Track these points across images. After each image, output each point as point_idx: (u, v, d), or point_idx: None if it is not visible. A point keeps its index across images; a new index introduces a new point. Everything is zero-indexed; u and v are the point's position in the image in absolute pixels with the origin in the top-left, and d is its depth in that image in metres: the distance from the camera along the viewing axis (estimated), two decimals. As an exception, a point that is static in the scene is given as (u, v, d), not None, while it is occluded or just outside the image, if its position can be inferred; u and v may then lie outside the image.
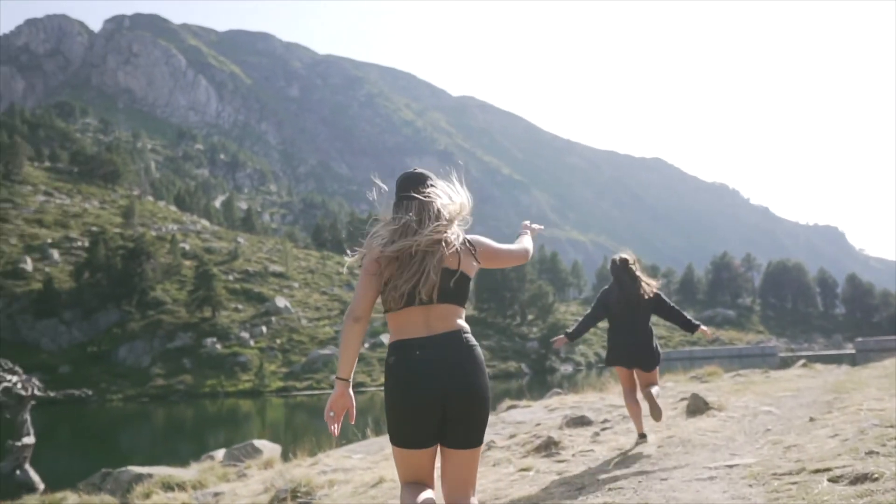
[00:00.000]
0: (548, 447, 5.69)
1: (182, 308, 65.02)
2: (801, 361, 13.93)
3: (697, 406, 6.55)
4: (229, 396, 53.66)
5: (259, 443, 11.53)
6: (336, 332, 62.40)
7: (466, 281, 2.65)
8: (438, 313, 2.57)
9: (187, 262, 73.96)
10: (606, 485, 4.07)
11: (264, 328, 64.13)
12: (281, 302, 68.87)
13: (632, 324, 5.57)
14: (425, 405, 2.46)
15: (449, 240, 2.59)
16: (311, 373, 56.58)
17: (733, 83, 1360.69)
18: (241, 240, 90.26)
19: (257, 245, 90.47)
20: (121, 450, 31.70)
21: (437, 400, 2.46)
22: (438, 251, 2.56)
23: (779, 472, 3.71)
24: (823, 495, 3.12)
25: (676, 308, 5.64)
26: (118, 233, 75.34)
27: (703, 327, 5.52)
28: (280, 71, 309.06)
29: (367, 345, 52.01)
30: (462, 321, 2.64)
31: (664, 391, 9.83)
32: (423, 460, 2.54)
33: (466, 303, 2.72)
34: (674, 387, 10.47)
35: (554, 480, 4.47)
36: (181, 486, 6.96)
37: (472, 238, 2.74)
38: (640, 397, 5.55)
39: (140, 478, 7.86)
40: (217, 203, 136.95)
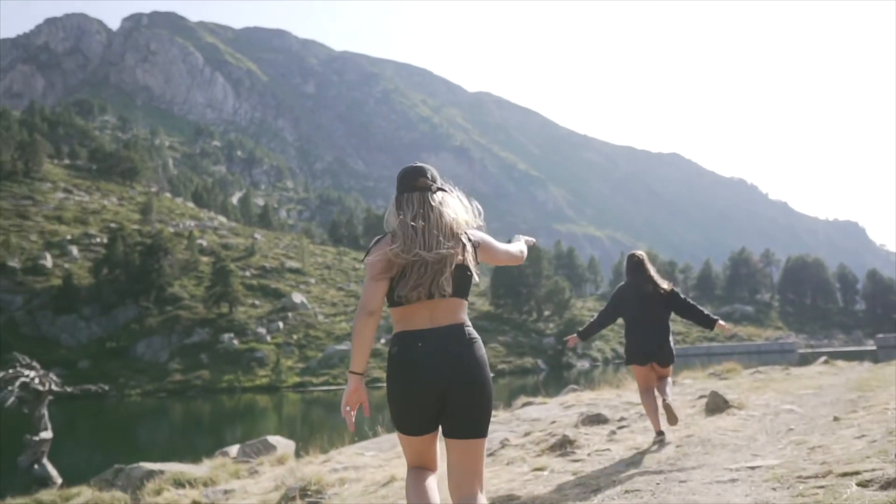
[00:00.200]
0: (563, 446, 5.56)
1: (199, 304, 65.41)
2: (823, 358, 13.68)
3: (717, 404, 6.38)
4: (246, 392, 53.90)
5: (273, 439, 11.47)
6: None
7: (470, 276, 2.71)
8: (442, 307, 2.61)
9: (205, 259, 74.39)
10: (623, 486, 3.93)
11: (281, 324, 64.37)
12: (297, 298, 69.09)
13: (647, 321, 5.54)
14: (425, 395, 2.52)
15: (459, 254, 2.67)
16: (328, 368, 56.71)
17: (752, 77, 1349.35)
18: (258, 236, 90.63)
19: (274, 241, 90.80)
20: (139, 445, 31.92)
21: (437, 390, 2.52)
22: (449, 263, 2.62)
23: (804, 475, 3.55)
24: (853, 501, 2.96)
25: (692, 303, 5.59)
26: (136, 229, 75.85)
27: (722, 322, 5.47)
28: (296, 68, 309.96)
29: (383, 340, 52.02)
30: (465, 315, 2.68)
31: (682, 388, 9.67)
32: (425, 445, 2.63)
33: (469, 295, 2.76)
34: (692, 384, 10.29)
35: (569, 481, 4.34)
36: (192, 483, 6.90)
37: (474, 235, 2.83)
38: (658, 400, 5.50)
39: (151, 474, 7.82)
40: (234, 199, 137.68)
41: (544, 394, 11.31)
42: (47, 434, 18.30)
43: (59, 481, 17.48)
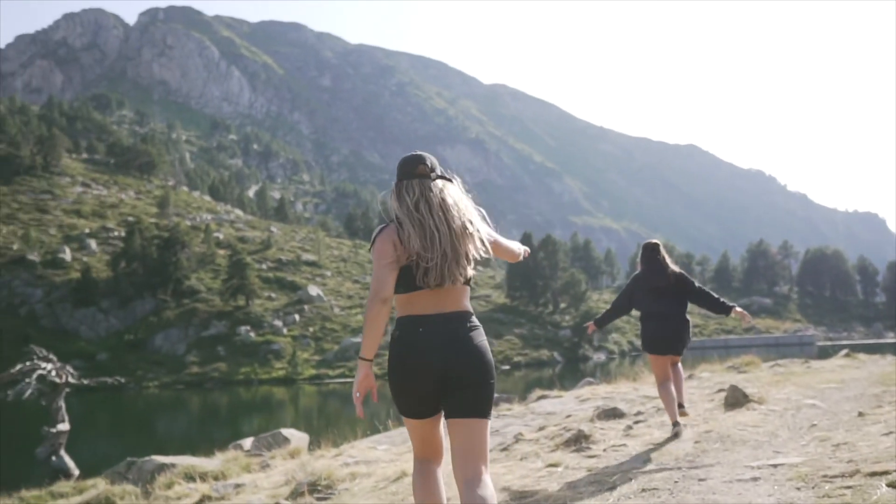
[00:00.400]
0: (578, 441, 5.43)
1: (216, 297, 65.75)
2: (844, 351, 13.42)
3: (736, 398, 6.22)
4: (263, 384, 54.16)
5: (287, 432, 11.42)
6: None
7: (474, 265, 2.74)
8: (447, 294, 2.64)
9: (221, 252, 74.75)
10: (639, 484, 3.79)
11: (297, 316, 64.57)
12: (313, 290, 69.27)
13: (664, 312, 5.50)
14: (424, 377, 2.55)
15: (469, 242, 2.69)
16: (344, 361, 56.82)
17: (770, 68, 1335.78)
18: (275, 229, 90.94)
19: (290, 234, 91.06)
20: (156, 437, 32.14)
21: (436, 372, 2.54)
22: (462, 252, 2.65)
23: (829, 474, 3.40)
24: (883, 503, 2.81)
25: (704, 289, 5.53)
26: (154, 223, 76.37)
27: (739, 308, 5.37)
28: (312, 61, 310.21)
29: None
30: (468, 302, 2.71)
31: (700, 382, 9.51)
32: (427, 429, 2.68)
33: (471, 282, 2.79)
34: (710, 377, 10.12)
35: (583, 478, 4.22)
36: (203, 477, 6.85)
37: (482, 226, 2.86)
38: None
39: (163, 467, 7.79)
40: (250, 193, 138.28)
41: (559, 387, 11.17)
42: (64, 426, 18.43)
43: (77, 473, 17.61)
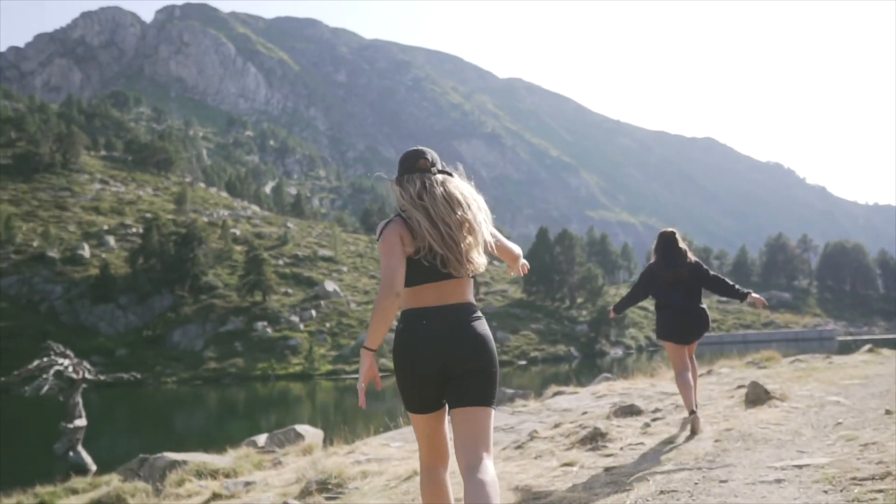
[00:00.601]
0: (594, 439, 5.30)
1: (233, 292, 66.04)
2: (867, 346, 13.15)
3: (757, 395, 6.05)
4: (280, 379, 54.36)
5: (301, 428, 11.35)
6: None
7: (481, 257, 2.74)
8: (451, 287, 2.66)
9: (238, 248, 75.07)
10: (657, 486, 3.64)
11: (314, 312, 64.73)
12: (330, 286, 69.41)
13: (680, 300, 5.51)
14: (426, 368, 2.56)
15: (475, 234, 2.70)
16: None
17: (788, 59, 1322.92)
18: (291, 225, 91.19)
19: (307, 230, 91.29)
20: (175, 432, 32.35)
21: (439, 363, 2.56)
22: (471, 244, 2.67)
23: (859, 477, 3.23)
24: (918, 508, 2.66)
25: (719, 277, 5.56)
26: (171, 219, 76.82)
27: (755, 294, 5.39)
28: (327, 56, 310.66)
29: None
30: (471, 295, 2.73)
31: (719, 378, 9.34)
32: (432, 426, 2.67)
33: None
34: (729, 373, 9.93)
35: (599, 478, 4.08)
36: (213, 475, 6.79)
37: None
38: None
39: (175, 464, 7.74)
40: (267, 189, 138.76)
41: (576, 383, 11.03)
42: (81, 421, 18.54)
43: (94, 468, 17.71)
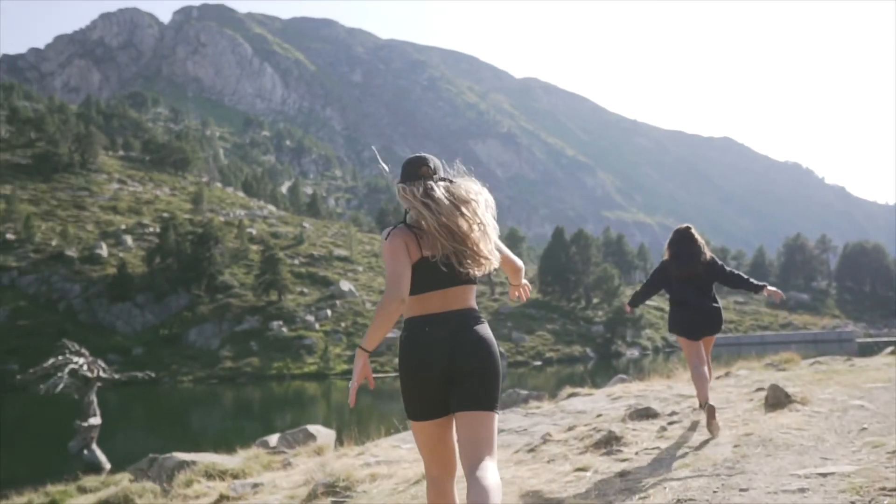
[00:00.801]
0: (608, 443, 5.16)
1: (249, 292, 66.25)
2: (890, 348, 12.87)
3: (777, 398, 5.86)
4: (295, 379, 54.45)
5: (313, 428, 11.28)
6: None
7: (485, 263, 2.72)
8: (455, 293, 2.67)
9: (254, 247, 75.32)
10: (674, 493, 3.50)
11: (329, 311, 64.80)
12: (345, 285, 69.47)
13: (694, 296, 5.52)
14: (429, 374, 2.58)
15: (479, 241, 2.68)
16: (376, 356, 56.87)
17: (806, 58, 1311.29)
18: (307, 224, 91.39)
19: (322, 229, 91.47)
20: (190, 430, 32.43)
21: (441, 369, 2.57)
22: (472, 258, 2.66)
23: (888, 487, 3.06)
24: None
25: (735, 272, 5.59)
26: (188, 218, 77.22)
27: (771, 287, 5.40)
28: (343, 57, 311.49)
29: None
30: (474, 301, 2.74)
31: (737, 380, 9.14)
32: (436, 434, 2.66)
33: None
34: (748, 375, 9.72)
35: (614, 484, 3.94)
36: (221, 476, 6.71)
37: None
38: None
39: (183, 465, 7.68)
40: (283, 189, 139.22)
41: (591, 384, 10.86)
42: (96, 420, 18.59)
43: (108, 466, 17.75)
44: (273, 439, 11.30)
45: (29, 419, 37.58)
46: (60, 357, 18.17)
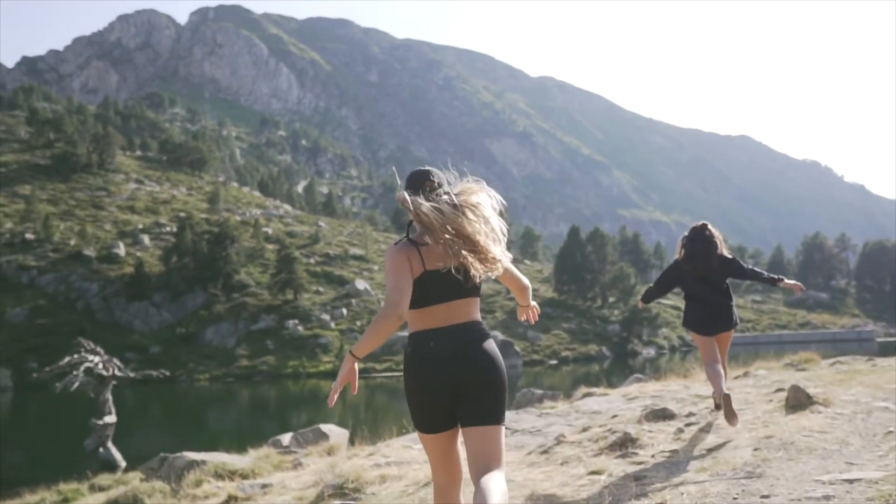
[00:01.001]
0: (624, 445, 5.03)
1: (265, 291, 66.45)
2: (913, 348, 12.61)
3: (799, 400, 5.70)
4: (311, 377, 54.57)
5: (326, 427, 11.20)
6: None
7: (491, 268, 2.73)
8: (458, 306, 2.68)
9: (270, 246, 75.55)
10: (692, 499, 3.35)
11: (345, 310, 64.89)
12: (361, 284, 69.55)
13: (708, 293, 5.51)
14: (437, 390, 2.59)
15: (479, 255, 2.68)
16: (391, 355, 56.84)
17: (824, 55, 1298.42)
18: (323, 224, 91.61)
19: (338, 229, 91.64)
20: (206, 429, 32.56)
21: (448, 384, 2.58)
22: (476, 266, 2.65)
23: (919, 495, 2.92)
24: None
25: (751, 268, 5.56)
26: (204, 218, 77.58)
27: (789, 281, 5.41)
28: (359, 56, 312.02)
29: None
30: (478, 313, 2.75)
31: (756, 380, 8.96)
32: (444, 445, 2.68)
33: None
34: (766, 375, 9.52)
35: (629, 489, 3.81)
36: (231, 476, 6.64)
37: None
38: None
39: (194, 464, 7.62)
40: (299, 188, 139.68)
41: (606, 384, 10.71)
42: (111, 418, 18.65)
43: (123, 465, 17.80)
44: (286, 438, 11.24)
45: (47, 417, 37.91)
46: (76, 355, 18.25)
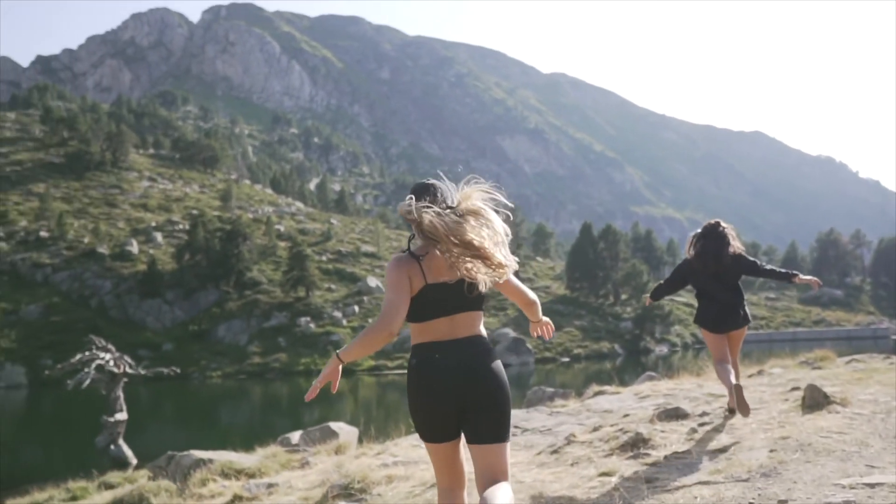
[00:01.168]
0: (635, 445, 4.91)
1: (277, 288, 66.59)
2: (931, 346, 12.40)
3: (815, 399, 5.55)
4: (322, 374, 54.61)
5: (336, 425, 11.13)
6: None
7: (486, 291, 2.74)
8: (462, 320, 2.67)
9: (282, 244, 75.70)
10: (705, 502, 3.25)
11: (356, 307, 64.93)
12: (373, 282, 69.56)
13: (721, 292, 5.47)
14: (443, 405, 2.59)
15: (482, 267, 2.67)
16: (403, 352, 56.82)
17: (838, 50, 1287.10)
18: (334, 221, 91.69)
19: (350, 226, 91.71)
20: (219, 426, 32.64)
21: (455, 400, 2.58)
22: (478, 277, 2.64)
23: (945, 501, 2.79)
24: None
25: (764, 266, 5.51)
26: (217, 215, 77.85)
27: (804, 277, 5.34)
28: (371, 54, 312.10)
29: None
30: (482, 327, 2.76)
31: (771, 379, 8.81)
32: (449, 452, 2.69)
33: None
34: (782, 373, 9.36)
35: (640, 491, 3.70)
36: (237, 475, 6.57)
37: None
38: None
39: (200, 463, 7.57)
40: (311, 185, 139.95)
41: (618, 381, 10.59)
42: (122, 415, 18.68)
43: (134, 462, 17.84)
44: (295, 436, 11.19)
45: (61, 413, 38.14)
46: (87, 353, 18.30)
